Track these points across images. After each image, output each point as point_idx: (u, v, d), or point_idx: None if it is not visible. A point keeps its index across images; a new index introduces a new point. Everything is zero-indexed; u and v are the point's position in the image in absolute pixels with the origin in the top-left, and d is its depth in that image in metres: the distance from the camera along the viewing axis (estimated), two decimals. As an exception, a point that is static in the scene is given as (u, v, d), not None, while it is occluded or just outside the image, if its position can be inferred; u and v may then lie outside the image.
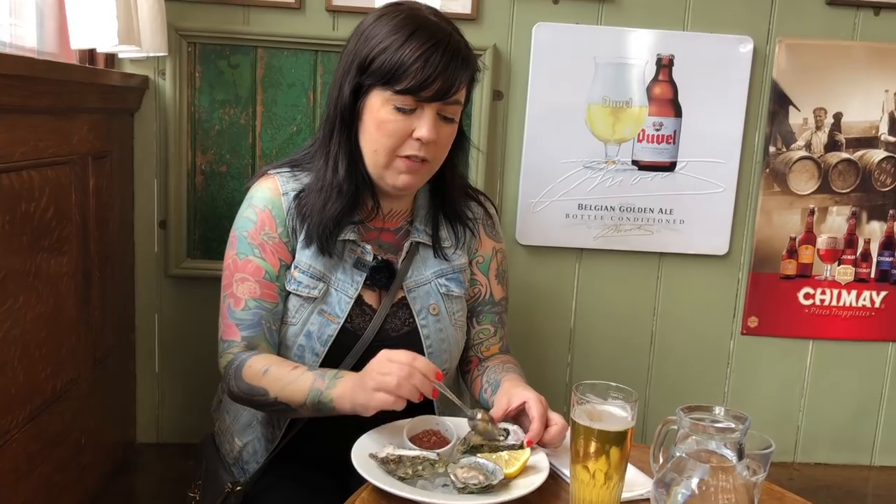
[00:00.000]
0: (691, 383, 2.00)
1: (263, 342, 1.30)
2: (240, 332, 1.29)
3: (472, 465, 1.08)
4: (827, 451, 2.05)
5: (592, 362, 1.98)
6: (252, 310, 1.29)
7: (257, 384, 1.22)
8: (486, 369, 1.42)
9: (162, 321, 1.86)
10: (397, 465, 1.07)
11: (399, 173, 1.26)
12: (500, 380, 1.33)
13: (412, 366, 1.10)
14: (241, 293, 1.29)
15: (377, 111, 1.23)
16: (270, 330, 1.30)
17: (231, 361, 1.28)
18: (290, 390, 1.19)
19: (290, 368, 1.22)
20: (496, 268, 1.46)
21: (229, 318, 1.30)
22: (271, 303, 1.30)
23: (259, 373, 1.22)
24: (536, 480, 1.07)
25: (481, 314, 1.46)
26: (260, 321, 1.29)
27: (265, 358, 1.25)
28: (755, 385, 2.02)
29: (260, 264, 1.30)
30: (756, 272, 1.95)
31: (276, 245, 1.30)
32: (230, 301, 1.31)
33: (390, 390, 1.09)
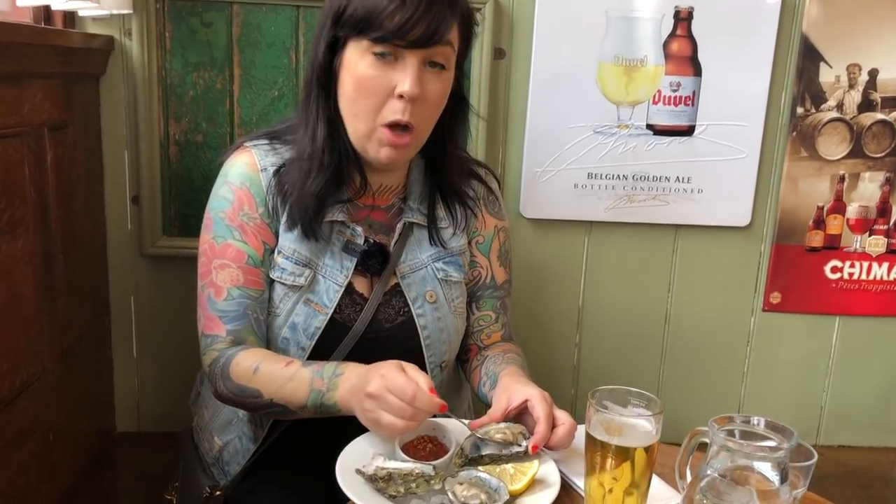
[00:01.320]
0: (708, 363, 1.87)
1: (251, 335, 1.16)
2: (224, 326, 1.16)
3: (473, 480, 0.95)
4: (852, 432, 1.93)
5: (602, 343, 1.85)
6: (236, 299, 1.15)
7: (248, 385, 1.10)
8: (485, 359, 1.29)
9: (138, 304, 1.73)
10: (387, 483, 0.94)
11: (381, 146, 1.11)
12: (498, 373, 1.20)
13: (414, 409, 0.97)
14: (223, 281, 1.16)
15: (355, 66, 1.09)
16: (258, 321, 1.17)
17: (216, 359, 1.15)
18: (286, 391, 1.07)
19: (282, 365, 1.09)
20: (498, 248, 1.32)
21: (210, 309, 1.17)
22: (257, 290, 1.16)
23: (249, 371, 1.10)
24: (546, 499, 0.94)
25: (482, 299, 1.32)
26: (246, 312, 1.16)
27: (254, 353, 1.13)
28: (776, 364, 1.89)
29: (241, 248, 1.15)
30: (780, 244, 1.81)
31: (257, 226, 1.16)
32: (210, 291, 1.17)
33: (382, 430, 0.99)
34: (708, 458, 0.86)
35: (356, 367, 1.05)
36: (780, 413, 1.91)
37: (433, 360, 1.23)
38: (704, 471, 0.86)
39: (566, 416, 1.05)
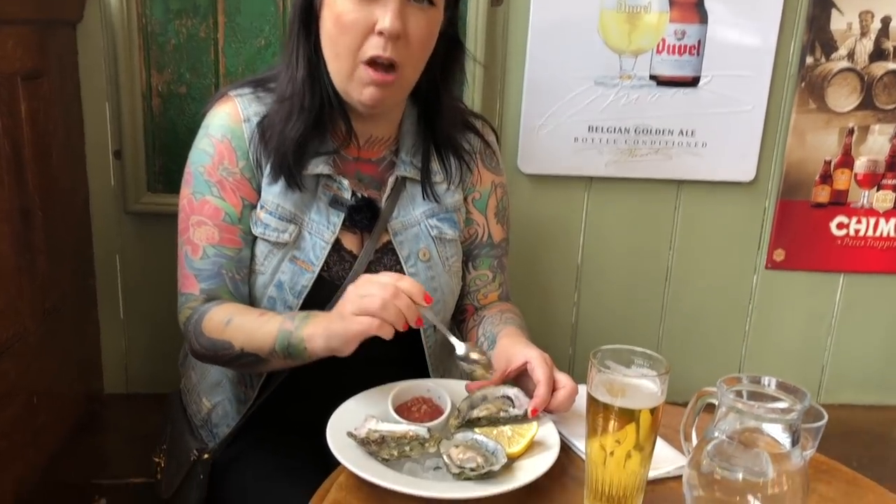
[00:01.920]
0: (709, 322, 1.83)
1: (225, 294, 1.13)
2: (198, 284, 1.12)
3: (469, 443, 0.92)
4: (854, 391, 1.90)
5: (601, 301, 1.80)
6: (211, 258, 1.11)
7: (219, 337, 1.07)
8: (482, 320, 1.24)
9: (124, 263, 1.67)
10: (380, 447, 0.90)
11: (364, 85, 1.05)
12: (496, 334, 1.16)
13: (397, 286, 0.94)
14: (199, 239, 1.11)
15: (335, 2, 1.03)
16: (233, 280, 1.12)
17: (190, 317, 1.12)
18: (256, 338, 1.04)
19: (256, 315, 1.07)
20: (495, 205, 1.26)
21: (187, 267, 1.13)
22: (233, 249, 1.11)
23: (221, 324, 1.07)
24: (545, 462, 0.90)
25: (478, 258, 1.27)
26: (220, 271, 1.11)
27: (227, 307, 1.10)
28: (778, 323, 1.85)
29: (218, 205, 1.10)
30: (785, 200, 1.75)
31: (237, 182, 1.11)
32: (187, 248, 1.13)
33: (373, 312, 0.93)
34: (716, 420, 0.82)
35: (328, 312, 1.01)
36: (781, 372, 1.87)
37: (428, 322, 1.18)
38: (711, 433, 0.83)
39: (567, 378, 1.01)
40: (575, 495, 0.91)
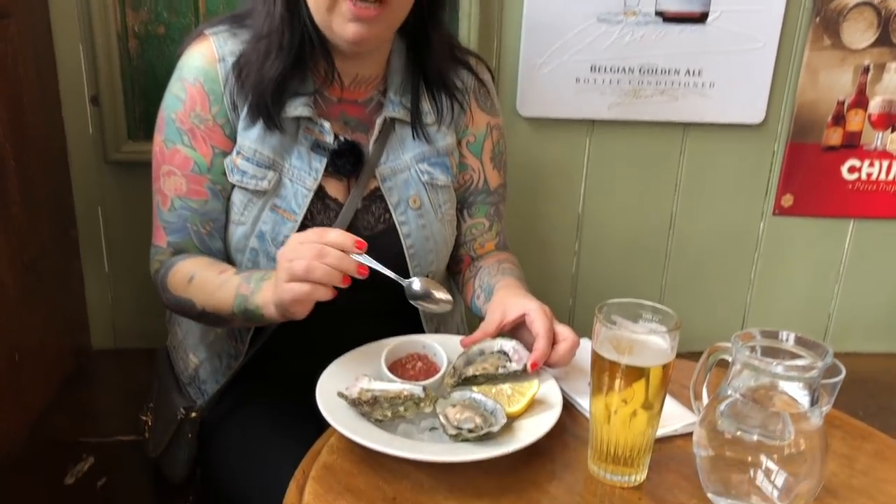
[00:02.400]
0: (714, 270, 1.78)
1: (192, 248, 1.09)
2: (166, 237, 1.09)
3: (467, 402, 0.87)
4: (860, 339, 1.86)
5: (603, 251, 1.74)
6: (177, 210, 1.07)
7: (183, 295, 1.04)
8: (478, 271, 1.19)
9: (106, 214, 1.60)
10: (372, 407, 0.85)
11: (346, 21, 0.97)
12: (494, 285, 1.10)
13: (322, 242, 0.87)
14: (168, 189, 1.07)
15: None
16: (199, 235, 1.08)
17: (158, 270, 1.09)
18: (215, 300, 1.00)
19: (216, 273, 1.02)
20: (491, 149, 1.19)
21: (158, 218, 1.10)
22: (198, 201, 1.06)
23: (184, 281, 1.03)
24: (547, 422, 0.85)
25: (474, 206, 1.21)
26: (185, 224, 1.07)
27: (192, 263, 1.05)
28: (785, 270, 1.80)
29: (188, 154, 1.05)
30: (795, 143, 1.68)
31: (208, 130, 1.05)
32: (158, 198, 1.09)
33: (301, 277, 0.87)
34: (729, 377, 0.77)
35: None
36: (787, 320, 1.84)
37: (418, 272, 1.13)
38: (724, 391, 0.78)
39: (568, 330, 0.96)
40: (578, 455, 0.86)
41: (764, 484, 0.74)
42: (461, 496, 0.79)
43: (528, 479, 0.82)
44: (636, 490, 0.81)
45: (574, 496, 0.80)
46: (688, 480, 0.83)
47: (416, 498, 0.78)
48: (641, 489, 0.81)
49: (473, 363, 0.94)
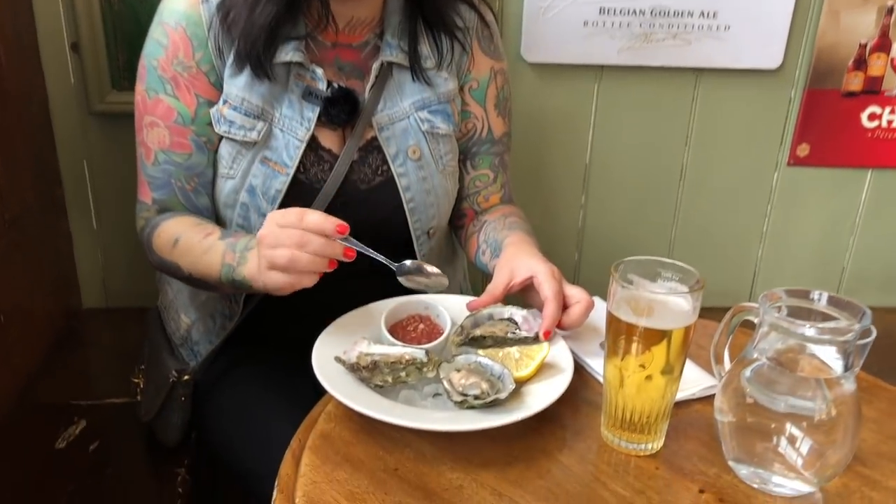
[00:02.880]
0: (725, 223, 1.72)
1: (177, 206, 1.03)
2: (151, 193, 1.03)
3: (473, 367, 0.81)
4: (874, 293, 1.80)
5: (611, 203, 1.68)
6: (161, 165, 1.01)
7: (168, 258, 0.98)
8: (483, 225, 1.13)
9: (93, 169, 1.54)
10: (372, 373, 0.80)
11: None
12: (501, 241, 1.05)
13: (302, 230, 0.81)
14: (151, 142, 1.01)
15: None
16: (184, 191, 1.02)
17: (143, 228, 1.04)
18: (201, 266, 0.95)
19: (201, 236, 0.96)
20: (495, 95, 1.12)
21: (142, 173, 1.04)
22: (182, 154, 1.00)
23: (169, 244, 0.98)
24: (557, 387, 0.80)
25: (478, 156, 1.14)
26: (169, 180, 1.02)
27: (177, 223, 1.00)
28: (798, 223, 1.74)
29: (171, 104, 0.98)
30: (813, 89, 1.60)
31: (192, 77, 0.98)
32: (142, 151, 1.03)
33: (283, 267, 0.81)
34: (756, 339, 0.72)
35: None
36: (799, 274, 1.79)
37: (419, 227, 1.07)
38: (749, 354, 0.72)
39: (580, 292, 0.90)
40: (590, 421, 0.81)
41: (790, 452, 0.69)
42: (467, 466, 0.74)
43: (538, 446, 0.77)
44: (652, 458, 0.76)
45: (587, 465, 0.75)
46: (707, 447, 0.78)
47: (419, 468, 0.73)
48: (658, 457, 0.77)
49: (481, 325, 0.89)
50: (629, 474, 0.74)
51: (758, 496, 0.72)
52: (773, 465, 0.71)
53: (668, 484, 0.73)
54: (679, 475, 0.74)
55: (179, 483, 1.14)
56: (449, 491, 0.71)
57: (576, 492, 0.71)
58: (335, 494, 0.70)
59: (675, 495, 0.71)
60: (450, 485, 0.71)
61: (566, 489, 0.71)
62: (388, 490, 0.70)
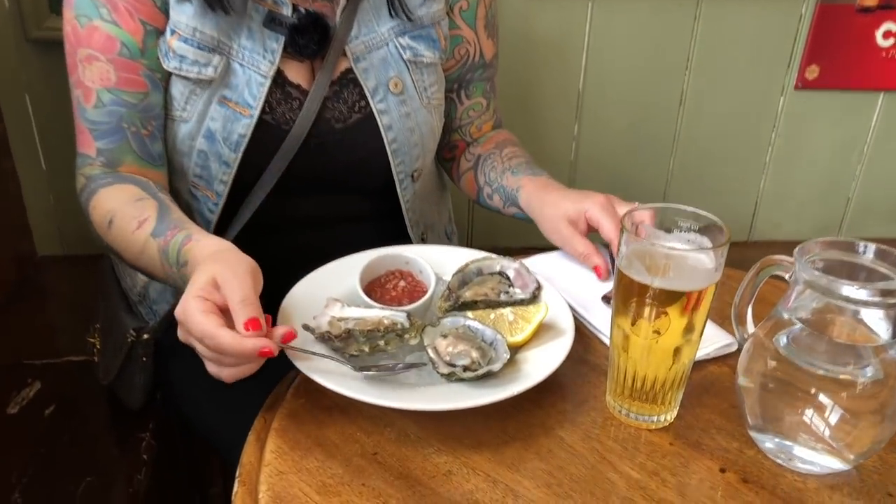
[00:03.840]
0: (726, 153, 1.61)
1: (129, 157, 0.89)
2: (94, 143, 0.88)
3: (461, 331, 0.71)
4: (879, 225, 1.72)
5: (604, 133, 1.56)
6: (107, 107, 0.86)
7: (106, 238, 0.86)
8: (479, 160, 1.03)
9: (36, 104, 1.39)
10: (346, 343, 0.70)
11: None
12: (514, 187, 0.96)
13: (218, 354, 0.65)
14: (91, 80, 0.86)
15: None
16: (138, 137, 0.88)
17: (83, 190, 0.89)
18: (142, 264, 0.82)
19: (134, 226, 0.81)
20: (485, 14, 1.00)
21: (81, 118, 0.89)
22: (135, 93, 0.86)
23: (104, 222, 0.84)
24: (556, 354, 0.70)
25: (471, 84, 1.03)
26: (120, 125, 0.87)
27: (114, 196, 0.85)
28: (803, 151, 1.63)
29: (111, 33, 0.83)
30: (825, 5, 1.47)
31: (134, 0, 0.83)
32: (78, 93, 0.88)
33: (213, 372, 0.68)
34: (790, 298, 0.62)
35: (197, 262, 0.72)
36: (802, 206, 1.69)
37: (402, 170, 0.96)
38: (779, 314, 0.63)
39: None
40: (593, 389, 0.72)
41: (824, 425, 0.60)
42: (456, 447, 0.65)
43: (536, 421, 0.68)
44: (665, 432, 0.68)
45: (592, 442, 0.66)
46: (725, 417, 0.69)
47: (401, 451, 0.64)
48: (671, 430, 0.68)
49: (470, 284, 0.78)
50: (640, 452, 0.65)
51: (785, 475, 0.63)
52: (803, 439, 0.62)
53: (685, 462, 0.64)
54: (696, 451, 0.65)
55: (144, 449, 1.05)
56: (436, 479, 0.62)
57: (580, 475, 0.62)
58: (304, 487, 0.60)
59: (693, 476, 0.63)
60: (437, 471, 0.62)
61: (569, 472, 0.63)
62: (365, 479, 0.61)
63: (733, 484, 0.62)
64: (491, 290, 0.78)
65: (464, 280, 0.79)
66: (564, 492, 0.61)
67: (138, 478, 1.00)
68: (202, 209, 0.95)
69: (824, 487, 0.62)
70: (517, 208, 0.97)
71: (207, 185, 0.92)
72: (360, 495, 0.60)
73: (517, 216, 0.99)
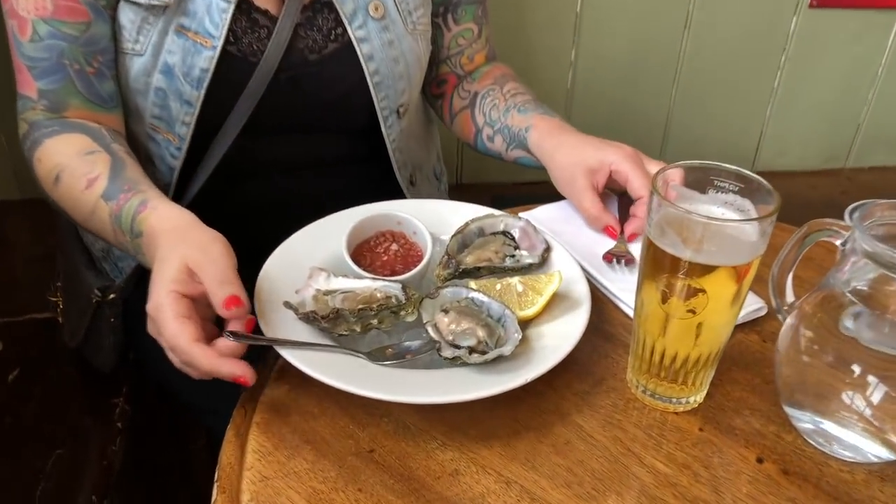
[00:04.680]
0: (732, 78, 1.51)
1: (74, 99, 0.78)
2: (35, 83, 0.77)
3: (464, 306, 0.63)
4: (889, 152, 1.64)
5: (603, 59, 1.45)
6: (44, 41, 0.74)
7: (53, 197, 0.76)
8: (476, 98, 0.94)
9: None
10: (334, 323, 0.61)
11: None
12: (523, 126, 0.87)
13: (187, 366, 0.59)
14: (25, 9, 0.74)
15: None
16: (82, 75, 0.77)
17: (25, 138, 0.79)
18: (92, 227, 0.73)
19: (82, 186, 0.71)
20: (477, -74, 0.88)
21: (18, 54, 0.77)
22: (75, 24, 0.74)
23: (50, 178, 0.74)
24: (572, 330, 0.62)
25: (459, 7, 0.92)
26: (60, 62, 0.75)
27: (61, 148, 0.75)
28: (814, 75, 1.53)
29: None
30: (847, -87, 1.34)
31: None
32: (13, 24, 0.76)
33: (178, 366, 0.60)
34: (845, 270, 0.54)
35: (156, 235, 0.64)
36: (809, 134, 1.60)
37: (386, 105, 0.86)
38: (830, 284, 0.55)
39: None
40: (612, 365, 0.65)
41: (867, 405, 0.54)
42: (462, 441, 0.58)
43: (549, 406, 0.61)
44: (693, 415, 0.61)
45: (613, 430, 0.59)
46: (758, 394, 0.63)
47: (401, 447, 0.57)
48: (700, 413, 0.61)
49: (471, 248, 0.70)
50: (667, 440, 0.58)
51: (829, 464, 0.57)
52: (849, 421, 0.56)
53: (718, 451, 0.58)
54: (730, 438, 0.59)
55: (118, 416, 0.97)
56: (442, 479, 0.55)
57: (603, 471, 0.56)
58: (292, 494, 0.53)
59: (728, 468, 0.56)
60: (442, 470, 0.55)
61: (590, 468, 0.56)
62: (361, 483, 0.54)
63: (773, 476, 0.56)
64: (495, 253, 0.70)
65: (464, 243, 0.70)
66: (586, 492, 0.54)
67: (112, 448, 0.93)
68: (164, 155, 0.85)
69: (874, 479, 0.56)
70: (523, 151, 0.87)
71: (168, 127, 0.82)
72: (356, 502, 0.53)
73: (520, 161, 0.89)
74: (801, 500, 0.54)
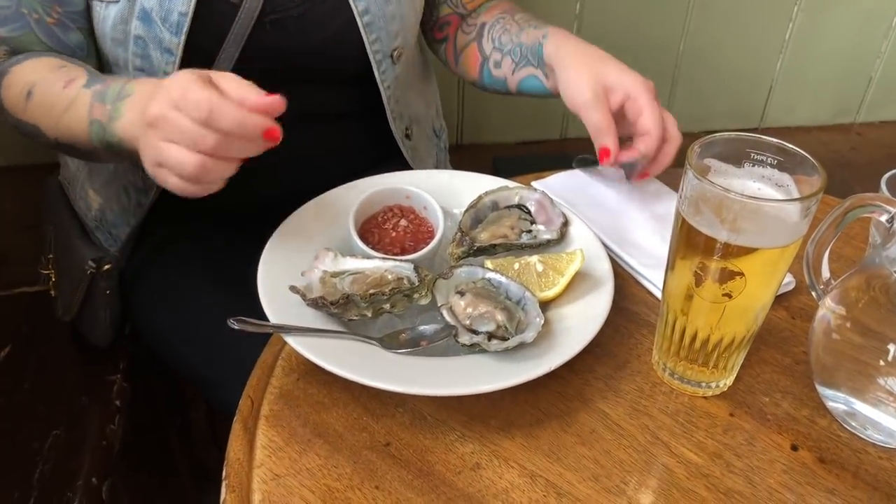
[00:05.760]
0: (742, 29, 1.45)
1: (37, 46, 0.74)
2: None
3: (480, 287, 0.60)
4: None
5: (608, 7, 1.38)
6: None
7: (23, 118, 0.72)
8: (484, 28, 0.89)
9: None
10: (344, 309, 0.58)
11: None
12: (538, 36, 0.81)
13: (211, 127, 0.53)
14: None
15: None
16: (42, 25, 0.73)
17: None
18: (63, 127, 0.68)
19: (61, 85, 0.68)
20: None
21: None
22: None
23: (21, 98, 0.70)
24: (596, 312, 0.59)
25: None
26: (19, 11, 0.72)
27: (32, 67, 0.72)
28: (825, 30, 1.48)
29: None
30: None
31: None
32: None
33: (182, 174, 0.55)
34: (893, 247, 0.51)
35: (150, 84, 0.61)
36: (819, 88, 1.56)
37: (379, 48, 0.81)
38: (875, 264, 0.52)
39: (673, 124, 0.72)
40: (636, 346, 0.62)
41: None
42: (483, 432, 0.55)
43: (572, 392, 0.58)
44: (723, 399, 0.58)
45: (641, 417, 0.56)
46: (789, 375, 0.60)
47: (418, 440, 0.54)
48: (730, 397, 0.58)
49: (485, 223, 0.66)
50: (697, 427, 0.56)
51: (868, 451, 0.54)
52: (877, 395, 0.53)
53: (750, 439, 0.55)
54: (761, 423, 0.56)
55: (116, 394, 0.94)
56: (463, 474, 0.52)
57: (631, 462, 0.53)
58: (306, 493, 0.50)
59: (762, 457, 0.54)
60: (462, 465, 0.52)
61: (618, 458, 0.53)
62: (378, 480, 0.51)
63: (809, 465, 0.53)
64: (510, 229, 0.66)
65: (477, 218, 0.66)
66: (615, 485, 0.51)
67: (111, 427, 0.90)
68: None
69: (914, 467, 0.53)
70: (532, 68, 0.82)
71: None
72: (373, 501, 0.50)
73: (524, 85, 0.83)
74: (841, 490, 0.52)
